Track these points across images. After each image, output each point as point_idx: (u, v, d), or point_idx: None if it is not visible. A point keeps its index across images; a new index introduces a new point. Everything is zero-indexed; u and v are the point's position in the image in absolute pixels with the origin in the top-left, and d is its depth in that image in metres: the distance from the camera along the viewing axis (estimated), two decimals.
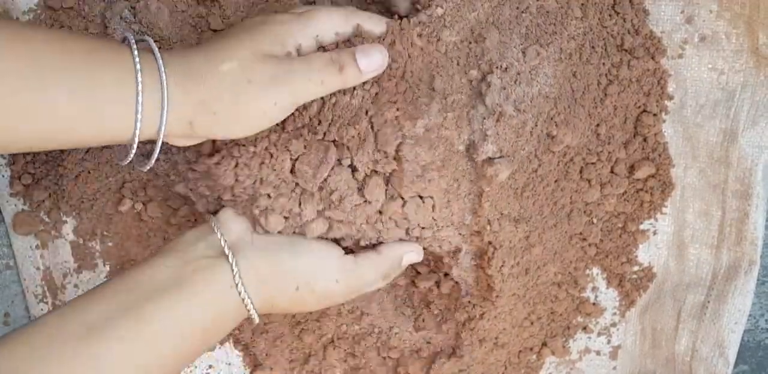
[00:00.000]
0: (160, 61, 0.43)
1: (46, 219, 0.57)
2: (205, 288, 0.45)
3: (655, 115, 0.55)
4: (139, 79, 0.42)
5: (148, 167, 0.47)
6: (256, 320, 0.47)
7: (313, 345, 0.59)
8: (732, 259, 0.57)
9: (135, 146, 0.44)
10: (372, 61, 0.47)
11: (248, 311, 0.47)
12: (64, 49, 0.42)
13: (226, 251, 0.46)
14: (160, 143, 0.44)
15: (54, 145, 0.44)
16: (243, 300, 0.46)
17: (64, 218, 0.57)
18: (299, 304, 0.49)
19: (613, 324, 0.60)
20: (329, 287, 0.49)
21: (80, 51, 0.42)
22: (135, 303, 0.44)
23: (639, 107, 0.55)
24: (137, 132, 0.43)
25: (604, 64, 0.53)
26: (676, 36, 0.54)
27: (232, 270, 0.46)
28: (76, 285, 0.58)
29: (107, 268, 0.58)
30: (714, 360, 0.57)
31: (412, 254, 0.52)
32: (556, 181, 0.54)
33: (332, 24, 0.48)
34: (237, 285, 0.46)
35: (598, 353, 0.60)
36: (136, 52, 0.43)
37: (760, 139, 0.55)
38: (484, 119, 0.49)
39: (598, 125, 0.54)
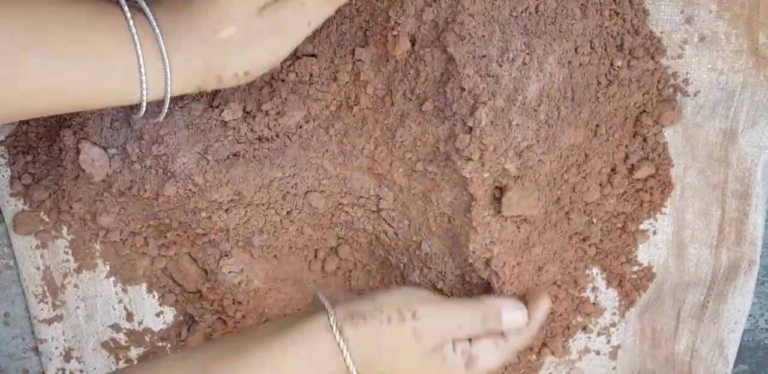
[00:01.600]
0: (159, 37, 0.43)
1: (46, 219, 0.57)
2: (310, 353, 0.45)
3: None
4: (139, 52, 0.43)
5: (161, 118, 0.48)
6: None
7: None
8: (731, 259, 0.57)
9: (143, 107, 0.45)
10: None
11: (344, 358, 0.46)
12: (63, 10, 0.42)
13: (334, 331, 0.46)
14: (167, 105, 0.46)
15: (57, 106, 0.44)
16: (339, 345, 0.46)
17: (64, 218, 0.57)
18: (400, 349, 0.47)
19: (613, 324, 0.60)
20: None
21: (79, 15, 0.43)
22: (240, 348, 0.46)
23: (639, 107, 0.55)
24: (144, 99, 0.44)
25: (603, 64, 0.53)
26: (676, 36, 0.54)
27: (341, 350, 0.46)
28: (76, 285, 0.58)
29: (107, 268, 0.58)
30: (713, 360, 0.57)
31: (517, 314, 0.50)
32: (555, 180, 0.54)
33: None
34: (332, 326, 0.46)
35: (597, 353, 0.60)
36: (134, 30, 0.43)
37: (760, 139, 0.55)
38: (503, 109, 0.49)
39: (597, 125, 0.54)
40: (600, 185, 0.55)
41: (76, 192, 0.55)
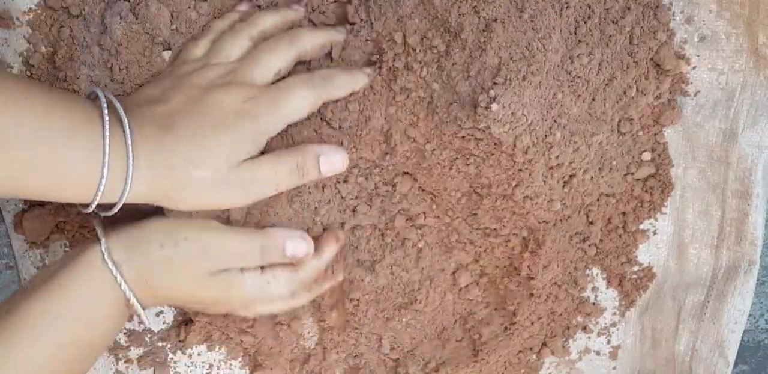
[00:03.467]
0: (130, 152, 0.44)
1: (46, 219, 0.57)
2: (75, 269, 0.46)
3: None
4: (106, 161, 0.43)
5: (112, 213, 0.47)
6: (134, 303, 0.47)
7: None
8: (732, 259, 0.57)
9: (93, 206, 0.45)
10: (333, 166, 0.50)
11: (119, 285, 0.46)
12: (35, 101, 0.42)
13: (96, 226, 0.47)
14: (118, 207, 0.46)
15: (8, 195, 0.44)
16: (111, 271, 0.46)
17: (63, 218, 0.57)
18: (173, 272, 0.48)
19: (613, 324, 0.60)
20: (188, 229, 0.49)
21: (52, 108, 0.43)
22: (13, 302, 0.45)
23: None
24: (95, 201, 0.44)
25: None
26: (676, 36, 0.55)
27: (101, 243, 0.46)
28: None
29: None
30: (714, 360, 0.57)
31: (301, 244, 0.51)
32: None
33: (302, 108, 0.49)
34: (104, 253, 0.46)
35: (597, 353, 0.60)
36: (107, 141, 0.43)
37: (760, 139, 0.55)
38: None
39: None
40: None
41: None
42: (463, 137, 0.51)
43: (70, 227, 0.57)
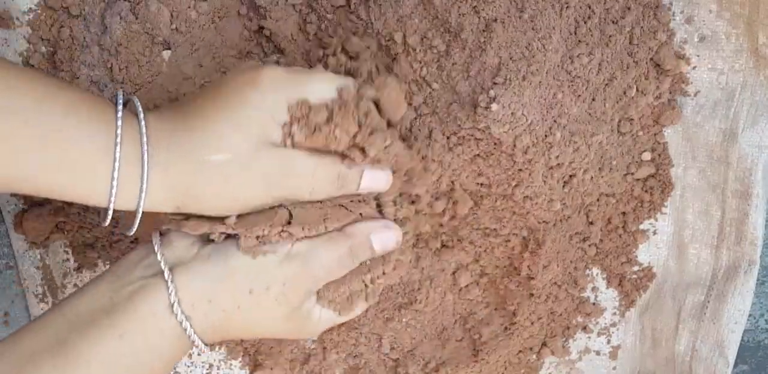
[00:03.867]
0: (144, 146, 0.40)
1: (46, 219, 0.57)
2: (137, 314, 0.41)
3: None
4: (117, 156, 0.39)
5: (131, 232, 0.43)
6: (202, 347, 0.43)
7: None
8: (732, 259, 0.57)
9: (110, 214, 0.41)
10: (375, 184, 0.46)
11: (189, 336, 0.42)
12: (46, 95, 0.39)
13: (162, 267, 0.42)
14: (138, 218, 0.42)
15: (15, 189, 0.40)
16: (181, 323, 0.41)
17: (63, 218, 0.57)
18: (258, 316, 0.44)
19: (613, 324, 0.60)
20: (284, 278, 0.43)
21: (62, 103, 0.39)
22: (64, 337, 0.40)
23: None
24: (111, 208, 0.40)
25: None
26: (676, 36, 0.55)
27: (167, 288, 0.41)
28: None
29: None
30: (714, 360, 0.57)
31: (387, 233, 0.46)
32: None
33: (322, 90, 0.44)
34: (173, 304, 0.41)
35: (597, 353, 0.60)
36: (119, 131, 0.40)
37: (760, 139, 0.55)
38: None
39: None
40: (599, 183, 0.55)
41: None
42: (463, 136, 0.51)
43: (70, 227, 0.57)
